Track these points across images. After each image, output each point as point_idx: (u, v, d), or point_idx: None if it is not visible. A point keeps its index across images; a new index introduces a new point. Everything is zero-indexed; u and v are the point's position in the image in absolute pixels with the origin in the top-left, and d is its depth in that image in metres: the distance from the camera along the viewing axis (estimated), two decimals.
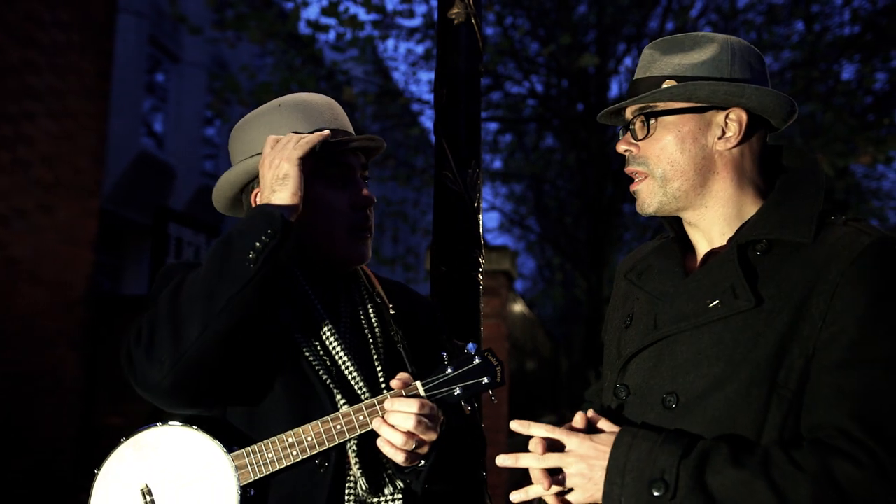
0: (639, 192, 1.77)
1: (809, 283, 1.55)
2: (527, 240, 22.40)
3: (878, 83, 11.72)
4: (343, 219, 1.87)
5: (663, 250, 1.86)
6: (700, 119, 1.71)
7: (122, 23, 10.68)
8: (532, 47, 12.03)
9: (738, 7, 11.31)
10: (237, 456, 1.69)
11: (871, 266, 1.53)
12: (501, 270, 7.46)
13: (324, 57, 11.26)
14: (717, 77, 1.69)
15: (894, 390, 1.47)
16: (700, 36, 1.76)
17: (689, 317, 1.65)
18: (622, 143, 1.78)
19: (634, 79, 1.79)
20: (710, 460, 1.48)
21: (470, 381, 1.73)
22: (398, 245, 21.95)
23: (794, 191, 1.71)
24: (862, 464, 1.40)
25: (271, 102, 1.94)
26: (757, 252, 1.65)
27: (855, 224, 1.63)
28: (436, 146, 2.33)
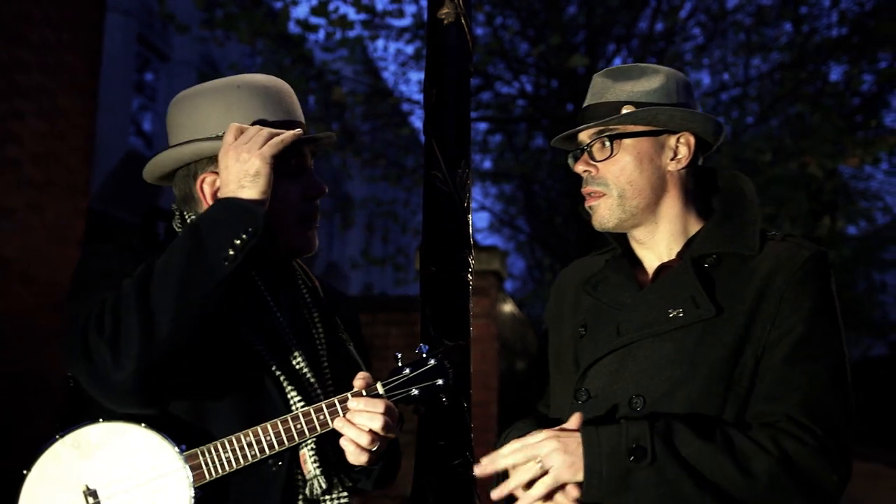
0: (596, 209, 1.90)
1: (759, 292, 1.75)
2: (516, 240, 22.42)
3: (866, 85, 11.79)
4: (295, 209, 1.84)
5: (616, 265, 2.00)
6: (655, 141, 1.87)
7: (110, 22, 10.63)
8: (522, 47, 12.05)
9: (727, 8, 11.35)
10: (190, 455, 1.60)
11: (811, 276, 1.76)
12: (491, 270, 7.47)
13: (313, 56, 11.24)
14: (668, 103, 1.86)
15: (833, 382, 1.70)
16: (645, 66, 1.93)
17: (652, 324, 1.79)
18: (580, 164, 1.92)
19: (588, 104, 1.93)
20: (676, 433, 1.63)
21: (426, 383, 1.75)
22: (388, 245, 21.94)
23: (736, 209, 1.91)
24: (807, 444, 1.62)
25: (226, 80, 1.85)
26: (706, 265, 1.83)
27: (792, 239, 1.85)
28: (425, 146, 2.33)
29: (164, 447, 1.60)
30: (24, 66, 5.39)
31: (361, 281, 21.88)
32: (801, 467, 1.61)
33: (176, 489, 1.58)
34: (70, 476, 1.58)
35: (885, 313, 22.70)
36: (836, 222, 13.58)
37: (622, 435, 1.62)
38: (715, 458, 1.60)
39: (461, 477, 2.14)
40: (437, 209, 2.28)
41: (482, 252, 7.39)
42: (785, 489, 1.61)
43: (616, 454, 1.61)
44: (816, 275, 1.78)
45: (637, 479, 1.60)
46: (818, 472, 1.62)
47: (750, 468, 1.60)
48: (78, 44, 5.93)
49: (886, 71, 10.97)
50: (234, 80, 1.85)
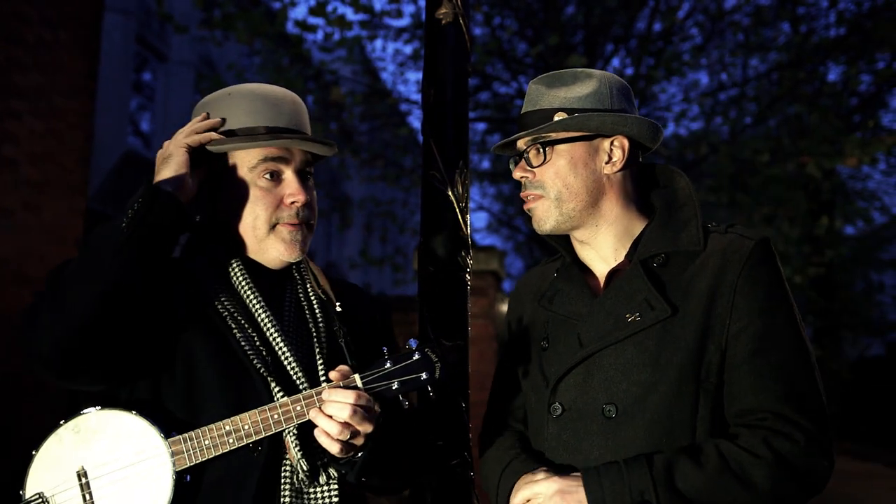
0: (534, 211, 1.95)
1: (711, 287, 1.79)
2: (515, 240, 22.44)
3: (864, 85, 11.81)
4: (265, 219, 1.88)
5: (566, 274, 2.03)
6: (589, 146, 1.92)
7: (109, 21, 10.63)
8: (520, 48, 12.04)
9: (724, 8, 11.35)
10: (174, 441, 1.71)
11: (759, 264, 1.80)
12: (489, 270, 7.47)
13: (312, 57, 11.24)
14: (600, 108, 1.90)
15: (804, 368, 1.75)
16: (579, 71, 1.96)
17: (612, 332, 1.83)
18: (518, 170, 1.97)
19: (524, 112, 1.98)
20: (676, 469, 1.67)
21: (408, 377, 1.75)
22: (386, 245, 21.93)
23: (676, 207, 1.94)
24: (796, 439, 1.67)
25: (224, 90, 1.98)
26: (655, 264, 1.86)
27: (734, 231, 1.88)
28: (423, 146, 2.33)
29: (152, 433, 1.72)
30: (22, 65, 5.38)
31: (360, 281, 21.88)
32: (796, 464, 1.67)
33: (160, 472, 1.71)
34: (68, 457, 1.74)
35: (883, 313, 22.70)
36: (834, 222, 13.59)
37: (625, 491, 1.66)
38: (716, 482, 1.65)
39: (459, 477, 2.14)
40: (435, 209, 2.28)
41: (480, 252, 7.39)
42: (786, 488, 1.67)
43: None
44: (764, 262, 1.81)
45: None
46: (813, 464, 1.68)
47: (750, 480, 1.65)
48: (76, 43, 5.93)
49: (884, 71, 10.98)
50: (228, 89, 1.97)
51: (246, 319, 1.85)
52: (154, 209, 1.71)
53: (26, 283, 5.44)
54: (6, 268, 5.29)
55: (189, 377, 1.79)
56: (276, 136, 1.87)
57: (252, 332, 1.84)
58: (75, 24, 5.93)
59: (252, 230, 1.88)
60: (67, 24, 5.82)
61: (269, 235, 1.88)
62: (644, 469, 1.67)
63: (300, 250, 1.92)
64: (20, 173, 5.40)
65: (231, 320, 1.84)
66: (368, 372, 1.75)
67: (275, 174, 1.89)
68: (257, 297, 1.87)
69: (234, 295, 1.88)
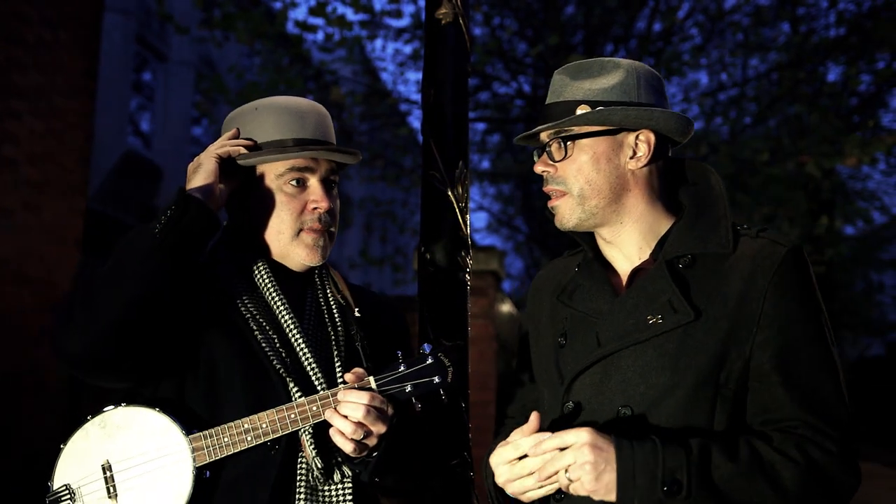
0: (557, 209, 1.88)
1: (739, 293, 1.73)
2: (514, 240, 22.42)
3: (864, 85, 11.80)
4: (290, 224, 1.96)
5: (588, 270, 1.96)
6: (613, 141, 1.84)
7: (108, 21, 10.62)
8: (520, 47, 12.04)
9: (724, 8, 11.35)
10: (195, 438, 1.78)
11: (791, 272, 1.75)
12: (489, 270, 7.46)
13: (311, 57, 11.24)
14: (626, 101, 1.82)
15: (833, 380, 1.71)
16: (606, 61, 1.88)
17: (632, 332, 1.77)
18: (540, 164, 1.91)
19: (547, 103, 1.90)
20: (710, 456, 1.62)
21: (421, 380, 1.82)
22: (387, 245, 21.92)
23: (706, 206, 1.87)
24: (830, 451, 1.64)
25: (251, 103, 2.06)
26: (680, 265, 1.80)
27: (766, 235, 1.81)
28: (423, 146, 2.33)
29: (174, 430, 1.79)
30: (22, 65, 5.38)
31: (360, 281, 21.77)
32: (827, 474, 1.63)
33: (180, 467, 1.78)
34: (94, 451, 1.82)
35: (883, 313, 22.72)
36: (834, 222, 13.59)
37: (658, 465, 1.60)
38: (747, 478, 1.61)
39: (459, 477, 2.15)
40: (435, 209, 2.28)
41: (480, 252, 7.38)
42: (813, 496, 1.63)
43: (651, 487, 1.59)
44: (796, 270, 1.76)
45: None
46: (842, 478, 1.65)
47: (780, 482, 1.61)
48: (76, 43, 5.93)
49: (884, 71, 10.98)
50: (255, 103, 2.06)
51: (268, 321, 1.93)
52: (186, 216, 1.79)
53: (26, 282, 5.44)
54: (6, 268, 5.29)
55: (211, 377, 1.87)
56: (304, 147, 1.95)
57: (273, 335, 1.91)
58: (75, 23, 5.93)
59: (277, 234, 1.97)
60: (67, 24, 5.82)
61: (293, 240, 1.97)
62: (679, 450, 1.61)
63: (321, 255, 1.99)
64: (20, 173, 5.40)
65: (253, 322, 1.91)
66: (383, 375, 1.82)
67: (300, 182, 1.97)
68: (282, 299, 1.95)
69: (258, 297, 1.96)
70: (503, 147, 15.39)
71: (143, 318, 1.74)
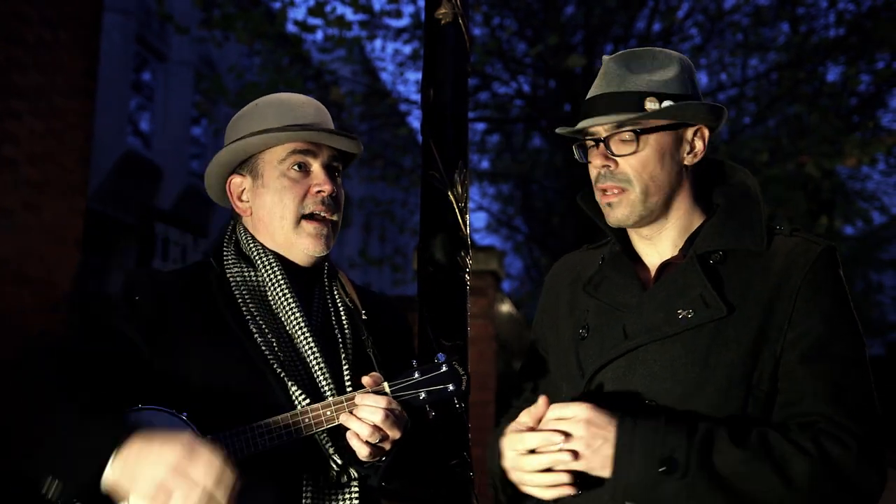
0: (616, 206, 1.80)
1: (772, 290, 1.69)
2: (514, 240, 22.41)
3: (863, 85, 11.79)
4: (296, 205, 1.94)
5: (615, 263, 1.92)
6: (675, 135, 1.80)
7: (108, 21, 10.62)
8: (519, 48, 12.03)
9: (724, 8, 11.35)
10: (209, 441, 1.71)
11: (825, 271, 1.72)
12: (489, 270, 7.46)
13: (311, 57, 11.24)
14: (685, 94, 1.79)
15: (861, 379, 1.66)
16: (656, 52, 1.85)
17: (661, 326, 1.73)
18: (599, 157, 1.81)
19: (603, 92, 1.81)
20: (715, 441, 1.57)
21: (435, 387, 1.82)
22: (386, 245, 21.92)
23: (741, 204, 1.83)
24: (848, 445, 1.56)
25: (252, 103, 2.06)
26: (711, 261, 1.76)
27: (801, 234, 1.78)
28: (423, 146, 2.33)
29: (186, 431, 1.70)
30: (22, 65, 5.38)
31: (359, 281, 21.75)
32: (842, 469, 1.56)
33: None
34: None
35: (883, 313, 22.72)
36: (834, 222, 13.59)
37: (657, 443, 1.58)
38: (753, 465, 1.55)
39: (459, 477, 2.15)
40: (434, 209, 2.28)
41: (480, 252, 7.38)
42: (825, 492, 1.56)
43: (648, 464, 1.57)
44: (830, 269, 1.73)
45: (665, 491, 1.56)
46: (860, 475, 1.57)
47: (789, 473, 1.55)
48: (75, 43, 5.92)
49: (884, 71, 10.97)
50: (258, 99, 2.05)
51: (268, 323, 1.89)
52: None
53: (26, 283, 5.44)
54: (6, 268, 5.28)
55: (207, 388, 1.81)
56: (304, 128, 1.94)
57: (272, 337, 1.87)
58: (75, 23, 5.92)
59: (281, 220, 1.95)
60: (67, 24, 5.82)
61: (295, 228, 1.95)
62: (683, 430, 1.58)
63: (325, 245, 1.97)
64: (20, 173, 5.40)
65: (253, 325, 1.87)
66: (398, 381, 1.81)
67: (303, 166, 1.96)
68: (293, 295, 1.92)
69: (261, 297, 1.93)
70: (503, 147, 15.39)
71: None
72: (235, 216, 2.07)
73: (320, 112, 2.03)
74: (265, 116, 1.98)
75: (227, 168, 2.03)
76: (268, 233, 1.98)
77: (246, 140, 1.94)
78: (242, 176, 2.01)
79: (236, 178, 2.02)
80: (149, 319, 1.83)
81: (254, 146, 1.96)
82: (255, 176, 1.99)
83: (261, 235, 1.99)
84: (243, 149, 1.97)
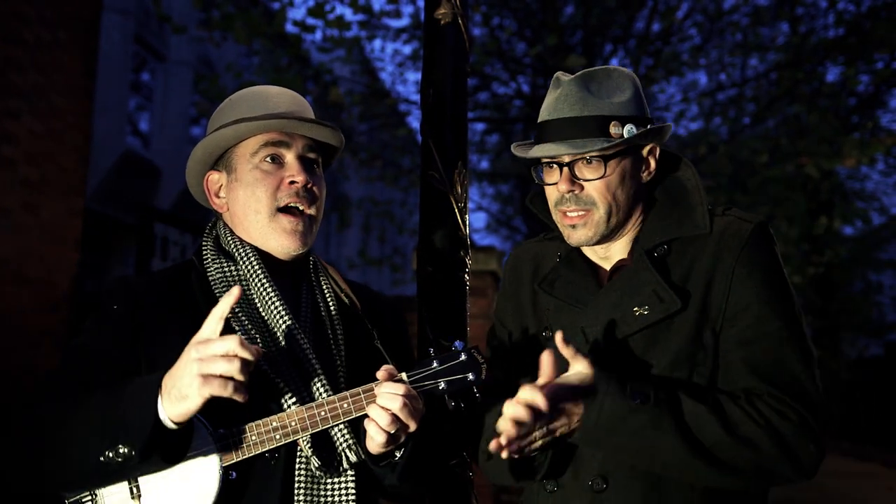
0: (580, 227, 1.84)
1: (708, 272, 1.76)
2: (514, 240, 22.40)
3: (862, 85, 11.81)
4: (269, 198, 1.88)
5: (570, 262, 1.96)
6: (634, 157, 1.86)
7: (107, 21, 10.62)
8: (519, 48, 12.04)
9: (723, 9, 11.35)
10: (221, 436, 1.69)
11: (757, 248, 1.76)
12: (488, 271, 7.46)
13: (310, 57, 11.24)
14: (640, 114, 1.84)
15: (800, 353, 1.72)
16: (610, 72, 1.88)
17: (619, 325, 1.77)
18: (564, 182, 1.83)
19: (566, 116, 1.82)
20: (679, 396, 1.66)
21: (455, 377, 1.76)
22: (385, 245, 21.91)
23: (679, 196, 1.89)
24: (790, 419, 1.65)
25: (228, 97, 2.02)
26: (656, 254, 1.81)
27: (733, 213, 1.83)
28: (422, 146, 2.33)
29: (199, 428, 1.68)
30: (20, 65, 5.37)
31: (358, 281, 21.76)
32: (783, 437, 1.64)
33: (206, 466, 1.69)
34: None
35: (882, 314, 22.71)
36: (833, 222, 13.60)
37: (629, 383, 1.65)
38: (706, 419, 1.63)
39: (458, 477, 2.14)
40: (434, 209, 2.28)
41: (479, 252, 7.37)
42: (768, 455, 1.64)
43: (621, 395, 1.63)
44: (762, 246, 1.77)
45: (636, 420, 1.62)
46: (798, 443, 1.64)
47: (737, 432, 1.63)
48: (74, 43, 5.92)
49: (883, 72, 10.99)
50: (235, 93, 2.01)
51: (251, 319, 1.82)
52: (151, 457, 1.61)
53: (25, 283, 5.44)
54: (5, 268, 5.28)
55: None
56: (274, 116, 1.88)
57: (255, 333, 1.80)
58: (74, 23, 5.92)
59: (255, 215, 1.88)
60: (66, 24, 5.82)
61: (270, 222, 1.88)
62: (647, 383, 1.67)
63: (301, 241, 1.90)
64: (19, 173, 5.40)
65: (236, 323, 1.80)
66: (416, 371, 1.76)
67: (276, 158, 1.90)
68: (276, 292, 1.85)
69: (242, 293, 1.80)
70: (502, 147, 15.39)
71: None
72: (217, 213, 2.02)
73: (296, 101, 1.98)
74: (238, 109, 1.93)
75: (204, 165, 1.97)
76: (244, 228, 1.92)
77: (219, 133, 1.89)
78: (219, 172, 1.96)
79: (213, 174, 1.97)
80: (129, 327, 1.79)
81: (226, 139, 1.90)
82: (229, 171, 1.93)
83: (239, 232, 1.94)
84: (216, 143, 1.91)
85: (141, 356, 1.78)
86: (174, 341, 1.75)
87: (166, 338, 1.78)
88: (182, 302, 1.85)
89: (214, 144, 1.92)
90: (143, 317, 1.81)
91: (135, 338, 1.79)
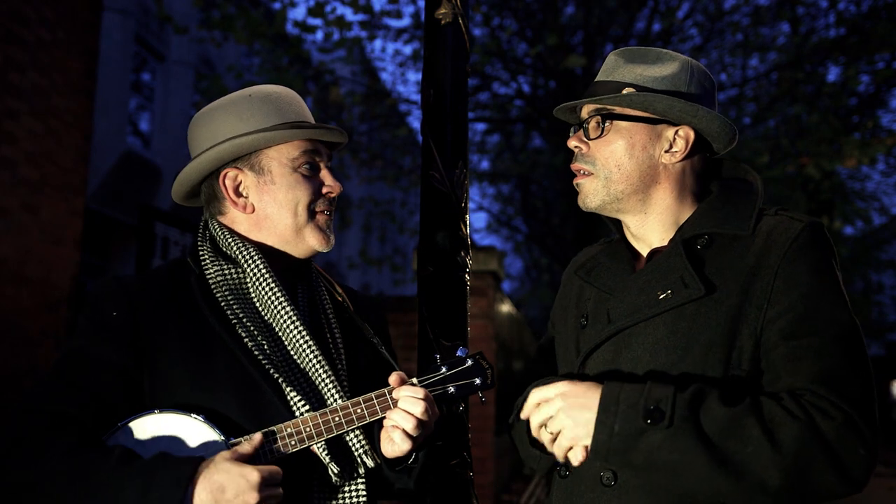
0: (581, 187, 1.87)
1: (751, 269, 1.69)
2: (514, 240, 22.43)
3: (863, 85, 11.81)
4: (308, 202, 1.90)
5: (611, 249, 1.97)
6: (651, 130, 1.82)
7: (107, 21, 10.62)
8: (519, 48, 12.05)
9: (724, 8, 11.36)
10: (235, 444, 1.66)
11: (806, 246, 1.68)
12: (489, 271, 7.47)
13: (311, 57, 11.24)
14: (674, 92, 1.79)
15: (846, 356, 1.62)
16: (664, 52, 1.86)
17: (642, 308, 1.75)
18: (574, 139, 1.88)
19: (596, 80, 1.88)
20: (704, 399, 1.58)
21: (463, 382, 1.80)
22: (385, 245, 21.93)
23: (733, 193, 1.84)
24: (835, 418, 1.54)
25: (239, 92, 1.97)
26: (698, 246, 1.77)
27: (785, 213, 1.77)
28: (423, 146, 2.33)
29: (212, 436, 1.67)
30: (20, 65, 5.37)
31: (359, 281, 21.88)
32: (828, 438, 1.53)
33: None
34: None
35: (882, 314, 22.74)
36: (834, 222, 13.60)
37: (642, 395, 1.59)
38: (741, 422, 1.54)
39: (459, 477, 2.14)
40: (434, 209, 2.28)
41: (480, 252, 7.38)
42: (812, 458, 1.53)
43: (632, 414, 1.58)
44: (812, 246, 1.69)
45: (649, 441, 1.56)
46: (845, 445, 1.53)
47: (778, 434, 1.53)
48: (74, 43, 5.92)
49: (883, 72, 10.98)
50: (246, 90, 1.96)
51: (256, 325, 1.81)
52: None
53: (25, 283, 5.44)
54: (5, 268, 5.28)
55: (200, 403, 1.72)
56: (311, 126, 1.91)
57: (262, 340, 1.79)
58: (74, 23, 5.92)
59: (294, 218, 1.89)
60: (66, 24, 5.82)
61: (308, 223, 1.90)
62: (669, 386, 1.59)
63: (329, 241, 1.95)
64: (18, 173, 5.40)
65: (242, 328, 1.79)
66: (425, 377, 1.79)
67: (313, 166, 1.93)
68: (283, 294, 1.84)
69: (244, 297, 1.85)
70: (503, 147, 15.40)
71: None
72: (209, 213, 1.97)
73: (304, 105, 2.01)
74: (262, 111, 1.92)
75: (221, 162, 1.92)
76: (268, 228, 1.90)
77: (255, 136, 1.87)
78: (239, 170, 1.91)
79: (231, 170, 1.90)
80: (129, 334, 1.76)
81: (265, 140, 1.89)
82: (258, 172, 1.90)
83: (255, 232, 1.91)
84: (251, 144, 1.89)
85: (144, 365, 1.75)
86: (174, 346, 1.75)
87: (167, 343, 1.76)
88: (182, 306, 1.82)
89: (248, 145, 1.89)
90: (142, 321, 1.78)
91: (135, 345, 1.75)
